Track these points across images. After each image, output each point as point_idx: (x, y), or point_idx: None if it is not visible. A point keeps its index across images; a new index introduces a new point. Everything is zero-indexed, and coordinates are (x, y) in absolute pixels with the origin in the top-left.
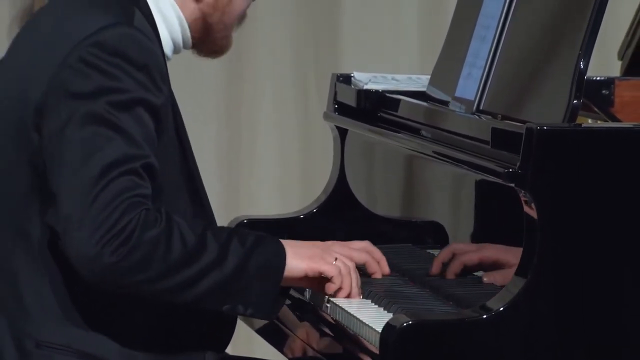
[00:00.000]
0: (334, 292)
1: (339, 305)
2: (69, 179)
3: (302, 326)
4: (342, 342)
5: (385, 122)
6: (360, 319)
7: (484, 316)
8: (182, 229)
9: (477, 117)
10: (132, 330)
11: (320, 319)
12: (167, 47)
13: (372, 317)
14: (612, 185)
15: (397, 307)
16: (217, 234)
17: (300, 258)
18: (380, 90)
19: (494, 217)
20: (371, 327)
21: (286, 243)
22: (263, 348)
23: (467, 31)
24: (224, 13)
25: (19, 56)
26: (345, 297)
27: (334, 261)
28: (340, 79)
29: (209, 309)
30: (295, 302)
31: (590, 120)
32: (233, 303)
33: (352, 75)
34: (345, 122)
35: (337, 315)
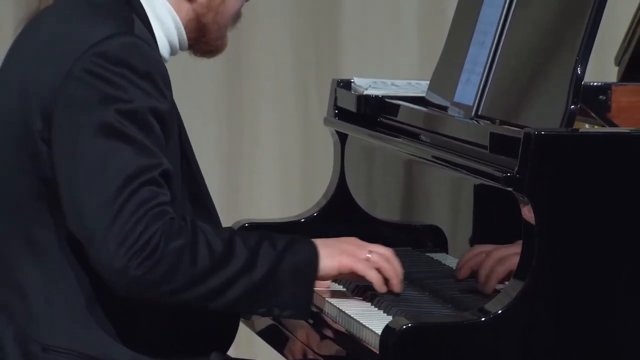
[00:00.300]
0: (383, 290)
1: (339, 307)
2: (88, 194)
3: (302, 328)
4: (342, 344)
5: (384, 127)
6: (360, 321)
7: (483, 319)
8: (208, 236)
9: (475, 122)
10: (138, 333)
11: (321, 322)
12: (164, 50)
13: (372, 320)
14: (609, 189)
15: (397, 309)
16: (247, 238)
17: (332, 256)
18: (380, 96)
19: (493, 221)
20: (371, 330)
21: (319, 243)
22: (264, 350)
23: (466, 37)
24: (217, 13)
25: (22, 61)
26: (389, 290)
27: (368, 255)
28: (341, 84)
29: (243, 312)
30: None
31: (587, 126)
32: (268, 306)
33: (352, 80)
34: (345, 127)
35: (338, 318)
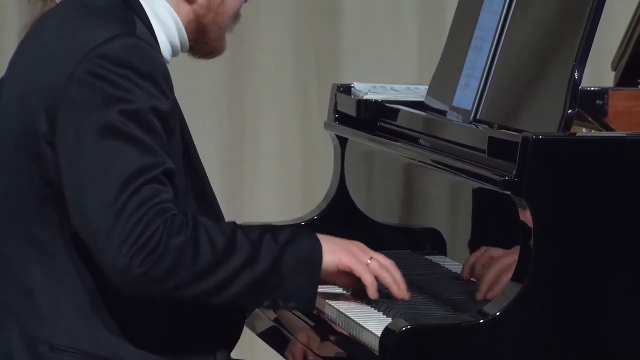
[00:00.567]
0: (375, 296)
1: (339, 310)
2: (92, 193)
3: (303, 330)
4: (343, 346)
5: (384, 132)
6: (360, 323)
7: (481, 321)
8: (210, 231)
9: (474, 126)
10: (145, 333)
11: (321, 324)
12: (165, 52)
13: (372, 322)
14: (606, 193)
15: (396, 312)
16: (249, 232)
17: (334, 252)
18: (380, 101)
19: (491, 224)
20: (371, 332)
21: (322, 238)
22: (265, 352)
23: (465, 43)
24: (217, 14)
25: (26, 65)
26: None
27: (369, 260)
28: (341, 89)
29: (249, 306)
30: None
31: (584, 130)
32: (272, 299)
33: (352, 85)
34: (345, 132)
35: (338, 320)
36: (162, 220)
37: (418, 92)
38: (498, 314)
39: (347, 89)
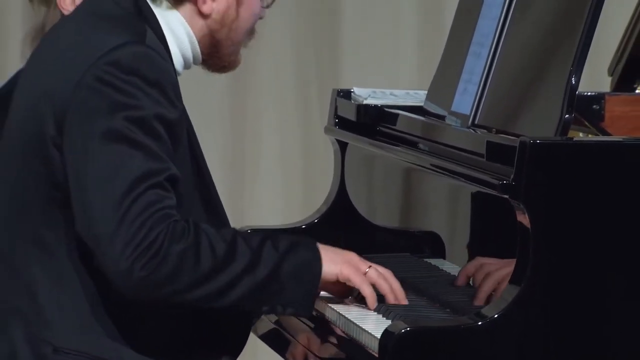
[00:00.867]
0: (374, 305)
1: (339, 312)
2: (96, 197)
3: (303, 332)
4: (342, 347)
5: (384, 136)
6: (360, 325)
7: (479, 323)
8: (211, 238)
9: (472, 131)
10: (149, 337)
11: (321, 326)
12: (177, 63)
13: (372, 324)
14: (603, 196)
15: (396, 314)
16: (249, 239)
17: (334, 262)
18: (379, 105)
19: (489, 228)
20: (370, 334)
21: (322, 247)
22: (266, 354)
23: (463, 48)
24: (230, 29)
25: (39, 69)
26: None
27: (367, 268)
28: (341, 94)
29: (248, 310)
30: None
31: (581, 134)
32: (271, 304)
33: (352, 90)
34: (345, 136)
35: (338, 322)
36: (164, 226)
37: (417, 96)
38: (496, 316)
39: (347, 94)
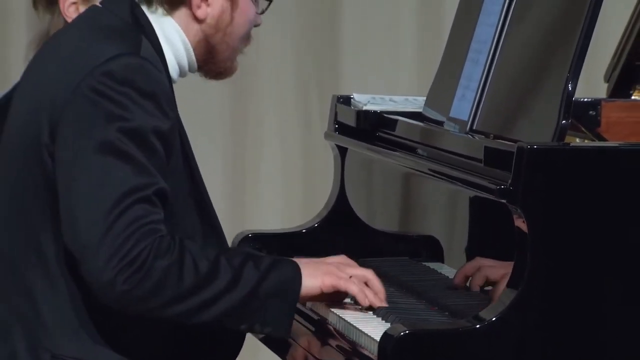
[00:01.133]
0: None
1: (339, 315)
2: (84, 207)
3: (304, 335)
4: (342, 350)
5: (383, 142)
6: (359, 328)
7: (477, 326)
8: (194, 255)
9: (470, 136)
10: (145, 344)
11: (322, 329)
12: (173, 71)
13: (371, 327)
14: (599, 201)
15: (395, 317)
16: (231, 258)
17: (315, 276)
18: (379, 111)
19: (487, 232)
20: (370, 337)
21: (302, 264)
22: (267, 356)
23: (461, 55)
24: (225, 34)
25: (37, 77)
26: (370, 306)
27: (350, 272)
28: (341, 100)
29: (227, 328)
30: (297, 313)
31: (578, 140)
32: (250, 323)
33: (352, 96)
34: (345, 142)
35: (338, 325)
36: (150, 240)
37: (416, 102)
38: (494, 319)
39: (346, 100)
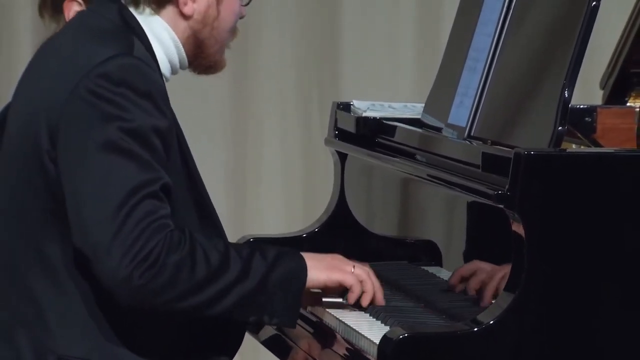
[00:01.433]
0: (354, 301)
1: (339, 318)
2: (92, 207)
3: (304, 338)
4: (342, 353)
5: (382, 147)
6: (359, 331)
7: (475, 329)
8: (205, 248)
9: (468, 142)
10: (149, 342)
11: (322, 332)
12: (164, 69)
13: (370, 330)
14: (595, 206)
15: (394, 320)
16: (240, 250)
17: (319, 269)
18: (378, 118)
19: (485, 237)
20: (369, 339)
21: (306, 256)
22: (268, 359)
23: (459, 63)
24: (213, 28)
25: (33, 81)
26: (369, 304)
27: (352, 269)
28: (341, 106)
29: (237, 320)
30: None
31: (574, 146)
32: (259, 314)
33: (352, 103)
34: (345, 147)
35: (337, 328)
36: (161, 236)
37: (415, 109)
38: (491, 322)
39: (346, 107)
